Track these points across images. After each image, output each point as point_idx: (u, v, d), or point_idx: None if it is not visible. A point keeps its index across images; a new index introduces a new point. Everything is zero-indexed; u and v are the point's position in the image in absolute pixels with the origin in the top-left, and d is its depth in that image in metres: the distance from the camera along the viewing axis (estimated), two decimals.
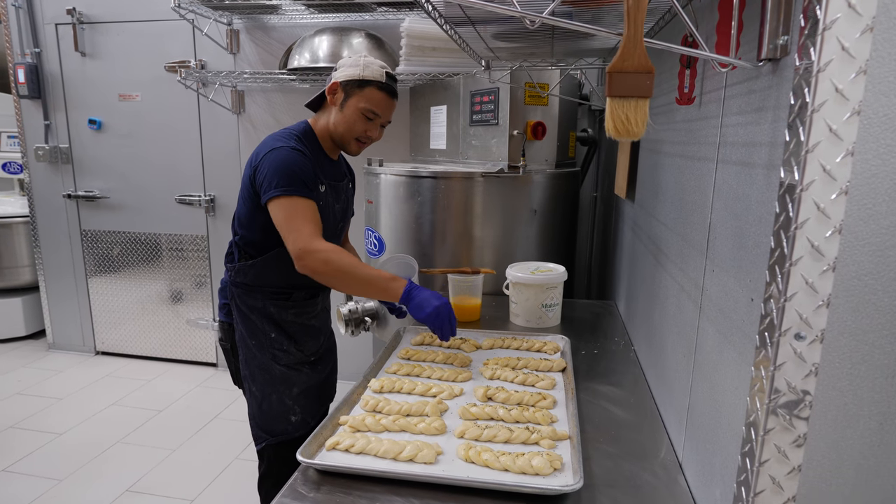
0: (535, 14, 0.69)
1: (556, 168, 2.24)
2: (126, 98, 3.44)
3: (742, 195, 0.77)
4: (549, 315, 1.73)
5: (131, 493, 2.37)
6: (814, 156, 0.58)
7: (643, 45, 0.66)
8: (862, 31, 0.55)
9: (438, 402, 1.18)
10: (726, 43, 0.77)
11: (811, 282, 0.60)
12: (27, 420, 2.95)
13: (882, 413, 0.63)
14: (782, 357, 0.63)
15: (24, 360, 3.73)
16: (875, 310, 0.61)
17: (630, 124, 0.67)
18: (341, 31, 2.71)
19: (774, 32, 0.67)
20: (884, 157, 0.58)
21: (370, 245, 2.40)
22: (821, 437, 0.65)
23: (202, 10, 2.88)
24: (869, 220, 0.59)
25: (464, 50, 1.58)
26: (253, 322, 1.58)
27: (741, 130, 0.79)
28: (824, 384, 0.63)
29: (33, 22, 3.43)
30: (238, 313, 1.60)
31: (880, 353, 0.62)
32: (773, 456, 0.66)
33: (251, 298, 1.58)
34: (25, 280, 4.01)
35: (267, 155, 1.44)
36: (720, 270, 0.86)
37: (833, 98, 0.57)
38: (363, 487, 0.93)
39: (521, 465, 0.95)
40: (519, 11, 0.69)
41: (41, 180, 3.66)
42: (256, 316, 1.58)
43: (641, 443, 1.08)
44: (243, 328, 1.59)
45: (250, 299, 1.58)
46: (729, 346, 0.81)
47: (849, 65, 0.56)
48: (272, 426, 1.61)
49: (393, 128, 3.04)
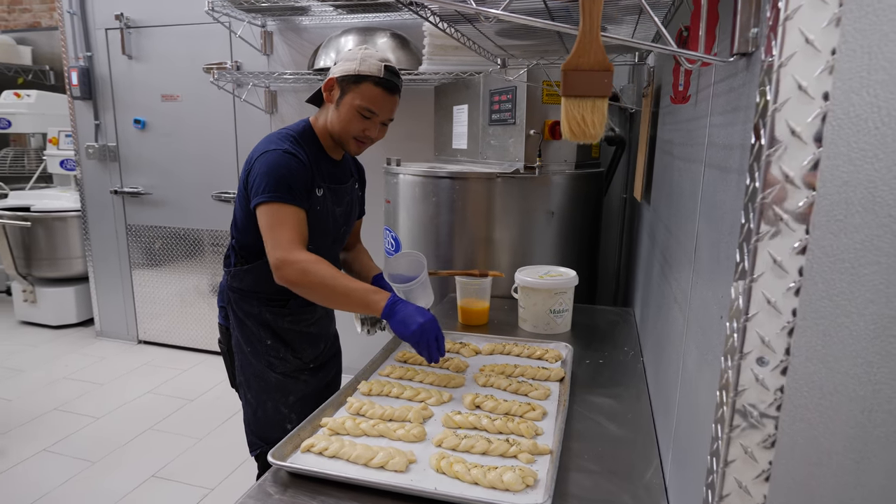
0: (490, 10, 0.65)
1: (577, 169, 2.17)
2: (168, 98, 3.57)
3: (718, 202, 0.71)
4: (557, 321, 1.67)
5: (156, 478, 2.45)
6: (776, 160, 0.52)
7: (600, 41, 0.61)
8: (828, 21, 0.49)
9: (423, 409, 1.16)
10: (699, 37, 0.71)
11: (774, 301, 0.54)
12: (69, 403, 3.11)
13: (858, 450, 0.56)
14: (743, 383, 0.57)
15: (73, 347, 3.93)
16: (849, 334, 0.54)
17: (587, 126, 0.63)
18: (367, 30, 2.71)
19: (746, 24, 0.60)
20: (856, 162, 0.51)
21: (387, 245, 2.39)
22: (789, 475, 0.58)
23: (236, 12, 2.94)
24: (840, 233, 0.53)
25: (472, 49, 1.55)
26: (249, 328, 1.54)
27: (722, 131, 0.72)
28: (791, 415, 0.57)
29: (86, 27, 3.61)
30: (234, 318, 1.55)
31: (855, 383, 0.55)
32: (734, 490, 0.60)
33: (247, 304, 1.53)
34: (77, 271, 4.23)
35: (259, 158, 1.39)
36: (701, 283, 0.79)
37: (796, 96, 0.51)
38: (328, 492, 0.91)
39: (491, 479, 0.91)
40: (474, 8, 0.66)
41: (91, 177, 3.85)
42: (252, 322, 1.54)
43: (630, 462, 1.02)
44: (239, 334, 1.55)
45: (246, 305, 1.53)
46: (706, 367, 0.74)
47: (813, 59, 0.50)
48: (267, 434, 1.55)
49: (418, 127, 3.03)
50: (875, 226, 0.52)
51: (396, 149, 3.03)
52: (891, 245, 0.52)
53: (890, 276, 0.52)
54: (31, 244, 4.14)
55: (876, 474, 0.56)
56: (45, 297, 4.23)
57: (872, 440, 0.55)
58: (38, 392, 3.24)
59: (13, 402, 3.10)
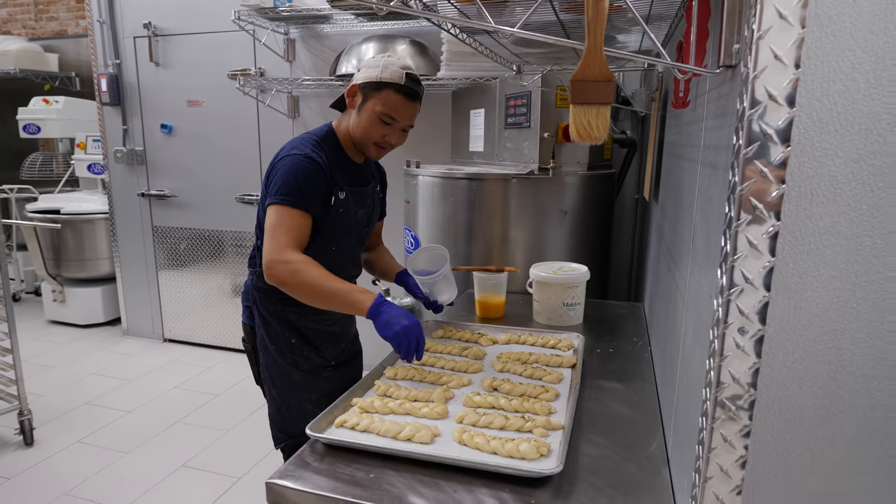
0: (507, 28, 0.75)
1: (589, 170, 2.26)
2: (194, 104, 3.71)
3: (710, 196, 0.80)
4: (570, 314, 1.77)
5: (186, 468, 2.58)
6: (752, 159, 0.62)
7: (603, 55, 0.71)
8: (793, 41, 0.58)
9: (445, 390, 1.26)
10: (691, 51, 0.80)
11: (751, 278, 0.64)
12: (101, 398, 3.25)
13: (825, 406, 0.65)
14: (727, 350, 0.67)
15: (102, 345, 4.09)
16: (815, 307, 0.63)
17: (592, 129, 0.72)
18: (387, 38, 2.83)
19: (730, 40, 0.70)
20: (820, 159, 0.61)
21: (407, 243, 2.50)
22: (766, 429, 0.67)
23: (261, 21, 3.08)
24: (808, 220, 0.62)
25: (488, 56, 1.65)
26: (273, 327, 1.57)
27: (712, 134, 0.82)
28: (767, 378, 0.66)
29: (115, 36, 3.77)
30: (259, 318, 1.59)
31: (822, 349, 0.64)
32: (719, 444, 0.69)
33: (271, 304, 1.56)
34: (105, 271, 4.39)
35: (281, 161, 1.43)
36: (697, 269, 0.89)
37: (767, 103, 0.60)
38: (362, 461, 1.02)
39: (508, 449, 1.00)
40: (493, 26, 0.76)
41: (119, 180, 4.01)
42: (276, 321, 1.56)
43: (635, 437, 1.11)
44: (264, 333, 1.58)
45: (271, 304, 1.56)
46: (698, 343, 0.83)
47: (781, 72, 0.59)
48: (291, 428, 1.60)
49: (435, 130, 3.14)
50: (836, 213, 0.61)
51: (414, 151, 3.15)
52: (850, 230, 0.61)
53: (849, 255, 0.61)
54: (61, 245, 4.31)
55: (841, 427, 0.65)
56: (74, 297, 4.40)
57: (837, 398, 0.64)
58: (70, 387, 3.39)
59: (46, 397, 3.25)
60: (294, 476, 0.97)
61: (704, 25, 0.77)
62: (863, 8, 0.57)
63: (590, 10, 0.69)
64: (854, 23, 0.57)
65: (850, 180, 0.60)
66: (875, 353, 0.63)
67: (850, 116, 0.59)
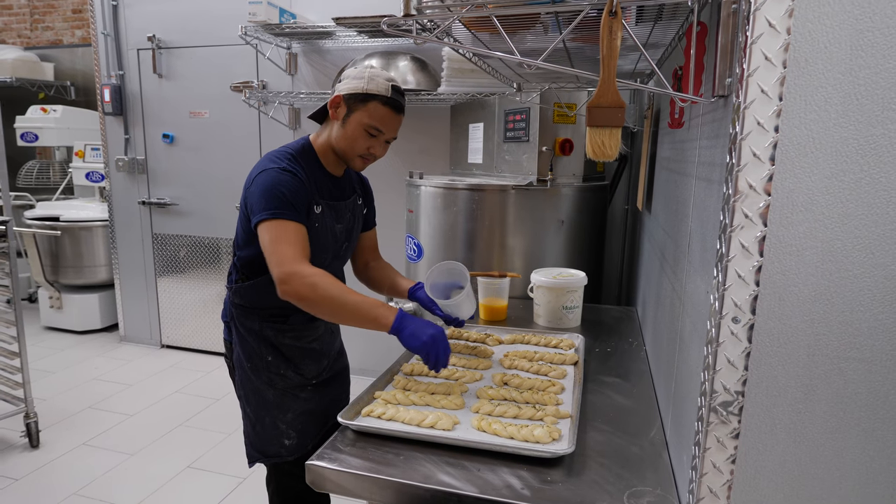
0: (532, 61, 0.87)
1: (584, 182, 2.39)
2: (196, 115, 3.80)
3: (706, 206, 0.92)
4: (569, 317, 1.88)
5: (192, 469, 2.64)
6: (742, 174, 0.74)
7: (615, 85, 0.83)
8: (776, 78, 0.71)
9: (460, 384, 1.36)
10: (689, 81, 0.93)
11: (743, 275, 0.76)
12: (103, 402, 3.29)
13: (805, 385, 0.77)
14: (723, 337, 0.78)
15: (100, 350, 4.12)
16: (796, 299, 0.75)
17: (605, 148, 0.84)
18: (388, 54, 2.95)
19: (723, 74, 0.82)
20: (799, 176, 0.73)
21: (410, 251, 2.60)
22: (756, 405, 0.79)
23: (265, 36, 3.18)
24: (789, 226, 0.74)
25: (492, 76, 1.77)
26: (250, 344, 1.54)
27: (707, 152, 0.94)
28: (756, 360, 0.78)
29: (118, 48, 3.85)
30: (236, 334, 1.56)
31: (801, 334, 0.76)
32: (716, 420, 0.80)
33: (248, 320, 1.54)
34: (102, 278, 4.43)
35: (257, 177, 1.39)
36: (693, 271, 1.01)
37: (756, 129, 0.72)
38: (391, 446, 1.12)
39: (524, 434, 1.11)
40: (519, 58, 0.87)
41: (120, 188, 4.07)
42: (253, 338, 1.54)
43: (636, 424, 1.23)
44: (240, 349, 1.55)
45: (248, 321, 1.54)
46: (695, 334, 0.95)
47: (767, 104, 0.72)
48: (265, 448, 1.57)
49: (433, 142, 3.26)
50: (812, 220, 0.73)
51: (413, 162, 3.27)
52: (824, 234, 0.73)
53: (824, 256, 0.73)
54: (59, 252, 4.34)
55: (819, 402, 0.77)
56: (71, 304, 4.43)
57: (815, 376, 0.76)
58: (72, 392, 3.43)
59: (49, 401, 3.29)
60: (331, 458, 1.07)
61: (700, 60, 0.89)
62: (832, 53, 0.70)
63: (604, 48, 0.81)
64: (826, 65, 0.70)
65: (824, 194, 0.73)
66: (847, 337, 0.75)
67: (823, 141, 0.72)
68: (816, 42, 0.70)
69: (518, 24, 1.12)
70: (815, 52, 0.70)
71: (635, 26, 1.12)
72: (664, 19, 1.04)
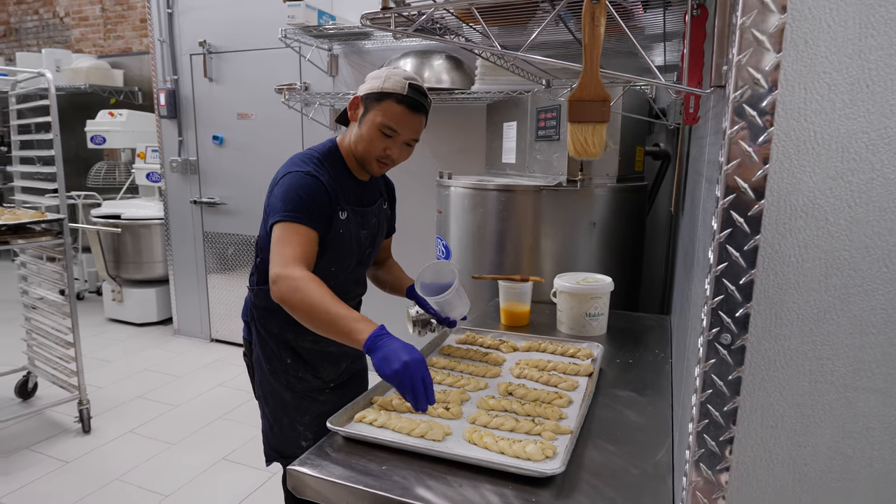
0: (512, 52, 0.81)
1: (619, 182, 2.27)
2: (243, 117, 3.91)
3: (707, 209, 0.83)
4: (593, 324, 1.79)
5: (226, 461, 2.71)
6: (732, 175, 0.65)
7: (599, 77, 0.75)
8: (771, 64, 0.62)
9: (461, 392, 1.31)
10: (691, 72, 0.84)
11: (732, 290, 0.67)
12: (152, 392, 3.45)
13: (807, 416, 0.67)
14: (710, 356, 0.69)
15: (154, 343, 4.33)
16: (796, 317, 0.66)
17: (588, 145, 0.77)
18: (424, 53, 2.92)
19: (719, 62, 0.73)
20: (798, 176, 0.63)
21: (439, 252, 2.56)
22: (750, 436, 0.70)
23: (306, 38, 3.23)
24: (787, 234, 0.65)
25: (515, 73, 1.70)
26: (269, 347, 1.54)
27: (712, 149, 0.85)
28: (750, 385, 0.69)
29: (173, 53, 4.02)
30: (256, 335, 1.56)
31: (802, 358, 0.66)
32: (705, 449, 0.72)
33: (269, 323, 1.53)
34: (159, 273, 4.65)
35: (282, 179, 1.39)
36: (699, 279, 0.91)
37: (747, 122, 0.63)
38: (377, 454, 1.08)
39: (515, 449, 1.05)
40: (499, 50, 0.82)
41: (174, 188, 4.25)
42: (273, 341, 1.54)
43: (643, 444, 1.13)
44: (260, 351, 1.56)
45: (268, 323, 1.53)
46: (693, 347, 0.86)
47: (759, 93, 0.62)
48: (282, 448, 1.58)
49: (470, 141, 3.21)
50: (814, 227, 0.63)
51: (449, 162, 3.23)
52: (828, 243, 0.63)
53: (828, 269, 0.64)
54: (120, 248, 4.59)
55: (822, 436, 0.67)
56: (131, 297, 4.67)
57: (819, 406, 0.66)
58: (125, 381, 3.61)
59: (104, 389, 3.47)
60: (313, 464, 1.04)
61: (700, 47, 0.80)
62: (837, 32, 0.60)
63: (586, 37, 0.74)
64: (829, 46, 0.60)
65: (829, 196, 0.63)
66: (856, 363, 0.65)
67: (827, 135, 0.62)
68: (818, 20, 0.60)
69: (519, 15, 1.06)
70: (817, 31, 0.60)
71: (645, 14, 1.03)
72: (674, 4, 0.95)
